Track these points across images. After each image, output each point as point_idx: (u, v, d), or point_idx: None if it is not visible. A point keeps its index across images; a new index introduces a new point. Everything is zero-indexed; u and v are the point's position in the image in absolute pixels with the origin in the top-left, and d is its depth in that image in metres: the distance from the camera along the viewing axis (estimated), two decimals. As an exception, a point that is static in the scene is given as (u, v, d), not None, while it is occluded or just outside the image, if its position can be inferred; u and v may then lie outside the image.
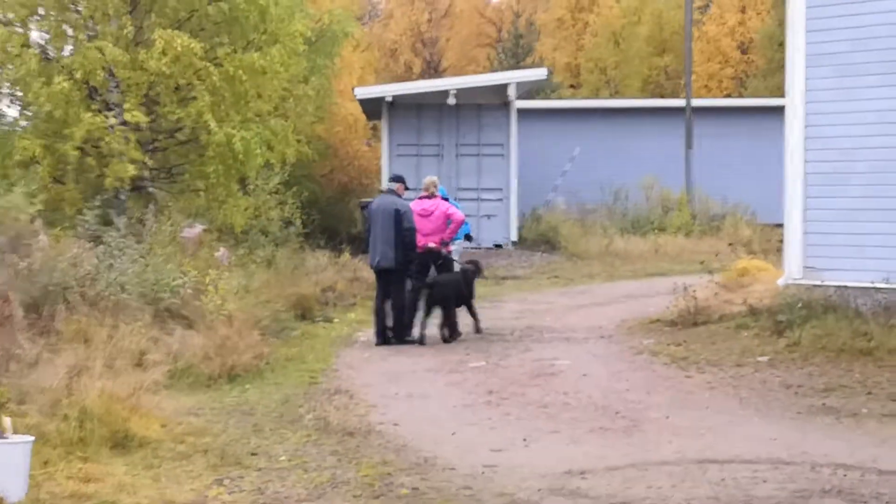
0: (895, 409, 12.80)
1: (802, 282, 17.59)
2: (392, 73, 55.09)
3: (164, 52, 22.58)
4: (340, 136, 40.48)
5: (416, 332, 18.67)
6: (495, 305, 23.58)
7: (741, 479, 9.87)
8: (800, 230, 17.76)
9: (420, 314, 18.74)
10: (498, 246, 34.11)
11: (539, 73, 36.43)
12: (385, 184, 19.47)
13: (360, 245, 27.55)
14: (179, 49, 22.51)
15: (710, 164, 38.99)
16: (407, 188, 19.51)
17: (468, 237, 21.29)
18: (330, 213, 36.27)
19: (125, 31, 23.37)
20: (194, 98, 23.15)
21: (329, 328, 20.69)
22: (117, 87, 23.82)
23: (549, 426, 12.34)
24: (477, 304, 21.78)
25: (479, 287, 26.15)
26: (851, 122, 17.31)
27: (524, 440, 11.67)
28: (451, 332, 18.71)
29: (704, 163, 38.87)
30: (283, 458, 10.96)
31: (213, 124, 22.88)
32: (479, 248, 33.37)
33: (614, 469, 10.32)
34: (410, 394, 14.48)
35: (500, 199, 34.25)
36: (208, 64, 23.23)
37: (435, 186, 19.76)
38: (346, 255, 27.09)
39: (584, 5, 61.29)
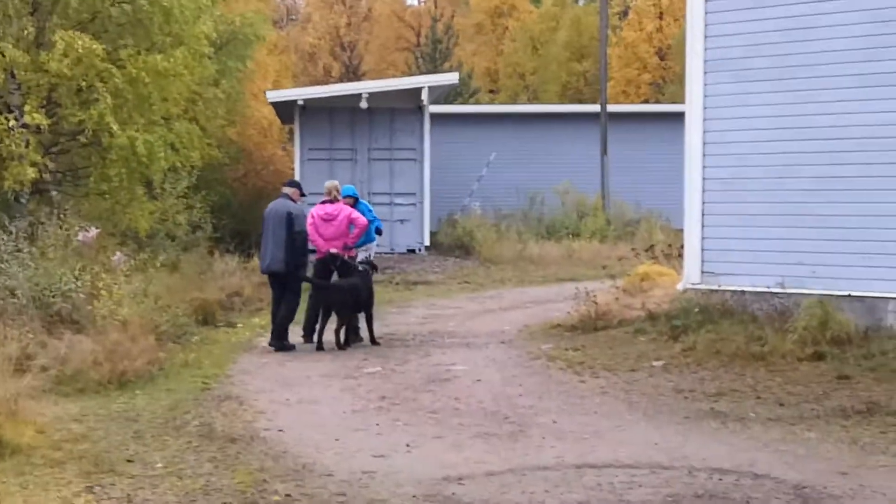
0: (782, 413, 12.83)
1: (700, 286, 17.67)
2: (311, 77, 54.81)
3: (65, 54, 22.28)
4: (255, 140, 40.27)
5: (315, 337, 18.52)
6: (402, 310, 23.51)
7: (617, 483, 9.83)
8: (698, 235, 17.83)
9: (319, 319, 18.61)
10: (411, 251, 34.03)
11: (451, 78, 36.39)
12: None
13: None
14: (81, 50, 22.22)
15: (626, 170, 39.14)
16: (303, 195, 19.41)
17: (378, 231, 21.07)
18: (243, 217, 35.94)
19: (26, 32, 23.07)
20: (96, 100, 22.84)
21: (231, 333, 20.49)
22: (18, 88, 23.49)
23: (435, 432, 12.26)
24: (384, 309, 21.80)
25: (389, 292, 26.40)
26: (747, 128, 17.43)
27: (407, 446, 11.57)
28: (346, 338, 18.55)
29: (620, 168, 39.01)
30: (159, 465, 10.79)
31: (115, 127, 22.60)
32: (393, 253, 33.36)
33: (492, 475, 10.25)
34: (301, 399, 14.34)
35: (413, 204, 34.15)
36: (110, 66, 22.96)
37: (337, 190, 19.61)
38: (256, 260, 26.87)
39: (503, 10, 61.41)
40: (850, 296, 16.07)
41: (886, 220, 16.08)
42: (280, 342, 18.43)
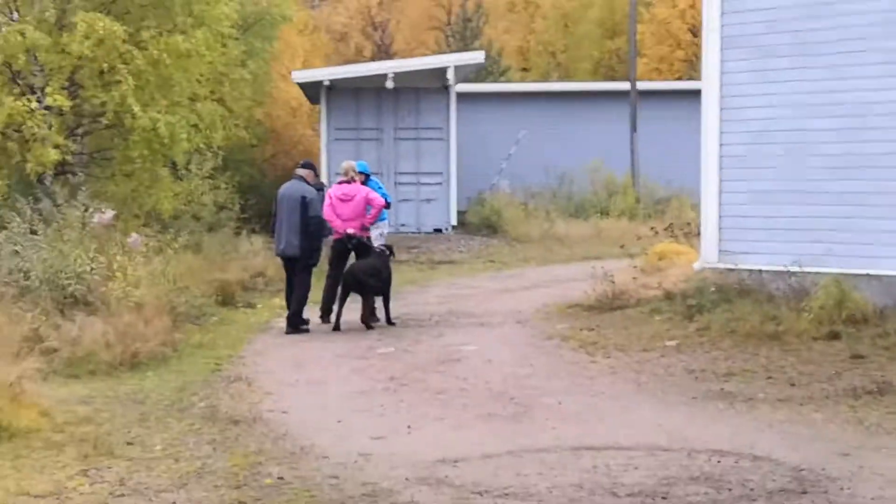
0: (792, 393, 12.72)
1: (718, 266, 17.53)
2: (343, 57, 54.58)
3: (86, 36, 22.29)
4: (283, 121, 40.22)
5: (332, 318, 18.49)
6: (423, 290, 23.48)
7: (613, 466, 9.75)
8: (715, 214, 17.68)
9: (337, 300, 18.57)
10: (438, 230, 33.91)
11: (477, 57, 36.14)
12: (299, 170, 19.07)
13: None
14: (102, 32, 22.23)
15: (656, 148, 38.79)
16: (317, 175, 19.31)
17: (387, 204, 21.02)
18: (272, 197, 35.87)
19: (47, 14, 23.04)
20: (118, 82, 22.84)
21: (250, 314, 20.51)
22: (41, 71, 23.54)
23: (438, 413, 12.21)
24: (405, 288, 21.78)
25: (413, 272, 26.36)
26: (765, 105, 17.24)
27: (408, 427, 11.53)
28: (370, 317, 18.53)
29: (650, 146, 38.68)
30: (158, 447, 10.78)
31: (136, 108, 22.60)
32: (419, 233, 33.31)
33: (489, 457, 10.19)
34: (310, 380, 14.34)
35: (439, 184, 34.02)
36: (132, 47, 22.95)
37: (354, 171, 19.54)
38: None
39: (535, -13, 61.16)
40: (867, 275, 15.88)
41: (901, 197, 15.91)
42: (296, 326, 18.27)
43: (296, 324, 18.28)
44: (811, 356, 14.41)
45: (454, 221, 34.20)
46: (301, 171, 19.06)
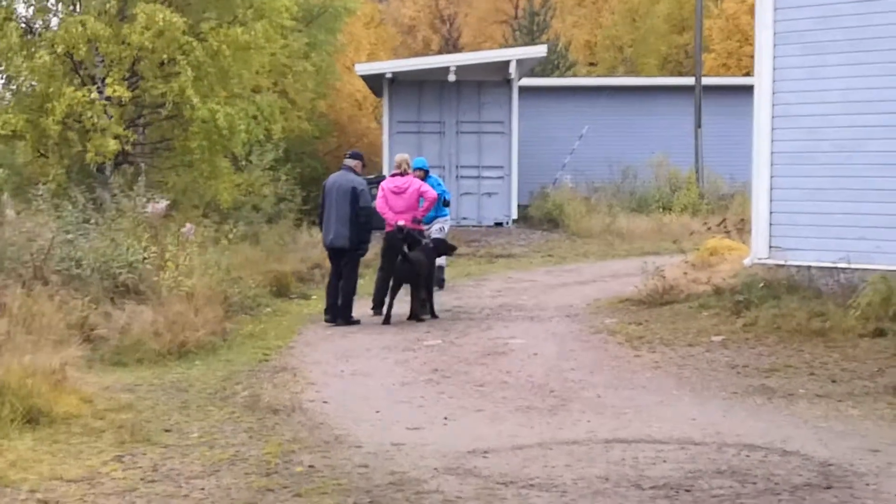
0: (832, 389, 12.67)
1: (768, 261, 17.46)
2: (411, 50, 54.94)
3: (146, 27, 22.60)
4: (348, 113, 40.51)
5: (384, 310, 18.58)
6: (478, 284, 23.55)
7: (642, 459, 9.77)
8: (766, 210, 17.62)
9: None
10: (498, 224, 34.02)
11: (539, 51, 36.23)
12: (346, 161, 19.04)
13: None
14: (161, 23, 22.53)
15: (720, 143, 38.67)
16: (365, 166, 19.31)
17: (446, 202, 21.21)
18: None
19: (108, 5, 23.34)
20: (178, 73, 23.10)
21: (303, 305, 20.70)
22: (102, 62, 23.84)
23: (477, 405, 12.27)
24: (461, 282, 21.91)
25: (471, 265, 26.48)
26: (817, 101, 17.15)
27: (445, 419, 11.60)
28: (420, 310, 18.61)
29: (714, 141, 38.58)
30: (194, 434, 10.93)
31: (195, 100, 22.85)
32: (480, 227, 33.43)
33: (520, 448, 10.23)
34: (355, 372, 14.43)
35: (500, 178, 34.12)
36: (192, 39, 23.20)
37: (407, 164, 19.68)
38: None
39: (605, -17, 61.03)
40: (916, 272, 15.81)
41: (949, 195, 15.81)
42: (347, 319, 18.32)
43: (347, 316, 18.33)
44: (856, 353, 14.34)
45: (515, 215, 34.29)
46: (349, 162, 18.87)
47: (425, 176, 20.72)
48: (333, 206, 18.31)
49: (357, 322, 18.35)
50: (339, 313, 18.38)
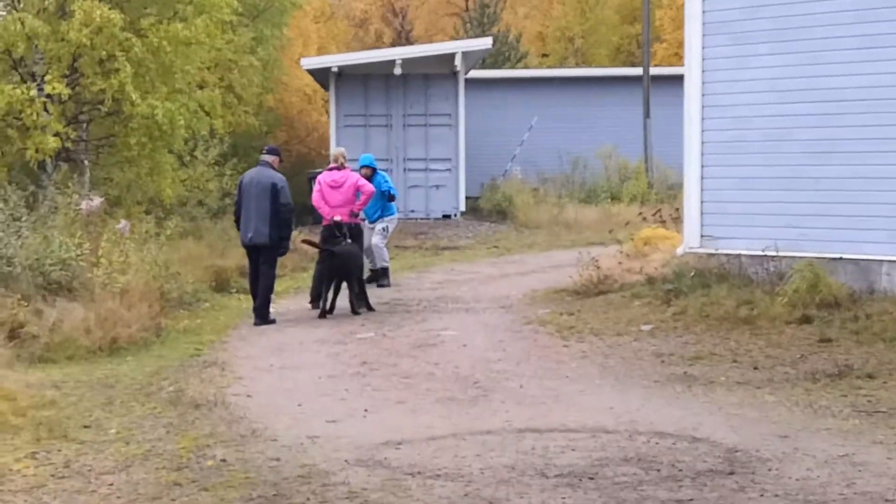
0: (752, 376, 12.83)
1: (699, 250, 17.62)
2: (363, 44, 54.84)
3: (84, 24, 22.48)
4: (297, 108, 40.45)
5: (321, 303, 18.61)
6: (420, 276, 23.62)
7: (552, 448, 9.86)
8: (697, 199, 17.77)
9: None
10: (447, 216, 34.05)
11: (484, 43, 36.27)
12: (263, 156, 18.67)
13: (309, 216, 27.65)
14: (100, 20, 22.40)
15: (669, 133, 38.56)
16: (281, 160, 19.06)
17: (391, 197, 21.30)
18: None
19: (47, 2, 23.26)
20: (117, 70, 23.02)
21: (243, 300, 20.64)
22: (42, 59, 23.76)
23: (400, 396, 12.35)
24: (404, 275, 22.03)
25: (416, 258, 26.57)
26: (746, 91, 17.33)
27: (366, 411, 11.68)
28: (357, 303, 18.67)
29: (664, 131, 38.56)
30: (112, 430, 10.95)
31: (134, 96, 22.77)
32: (428, 219, 33.45)
33: (433, 439, 10.31)
34: (284, 365, 14.49)
35: (448, 170, 34.11)
36: (131, 35, 23.12)
37: (344, 157, 19.74)
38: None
39: (557, -26, 61.13)
40: (842, 258, 15.97)
41: (879, 182, 15.95)
42: (264, 318, 17.99)
43: (264, 315, 18.01)
44: (780, 340, 14.52)
45: (463, 207, 34.33)
46: (267, 157, 18.43)
47: (373, 173, 20.83)
48: (253, 203, 17.86)
49: (273, 321, 18.01)
50: (255, 313, 18.10)
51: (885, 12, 16.08)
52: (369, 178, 20.37)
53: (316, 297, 19.06)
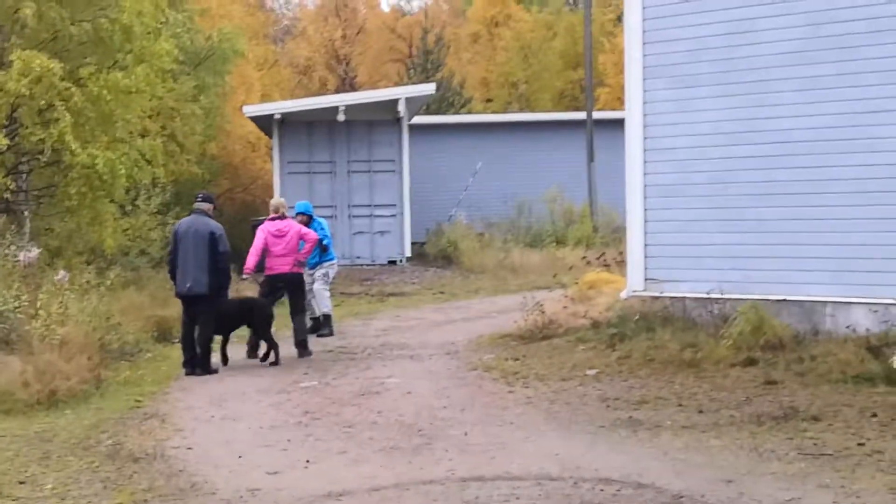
0: (698, 420, 12.73)
1: (644, 294, 17.58)
2: (307, 91, 54.80)
3: (23, 74, 22.27)
4: (241, 155, 40.32)
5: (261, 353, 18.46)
6: (365, 323, 23.46)
7: (496, 496, 9.74)
8: (640, 242, 17.75)
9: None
10: (392, 262, 33.97)
11: (427, 89, 36.34)
12: (197, 204, 18.42)
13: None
14: (38, 70, 22.20)
15: (614, 177, 38.62)
16: (216, 207, 18.99)
17: (324, 247, 21.15)
18: (229, 232, 35.85)
19: (-16, 53, 23.10)
20: (57, 119, 22.80)
21: (185, 350, 20.44)
22: (-21, 109, 23.52)
23: (342, 447, 12.17)
24: (348, 322, 21.90)
25: (361, 304, 26.39)
26: (689, 133, 17.36)
27: (307, 462, 11.50)
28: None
29: (608, 175, 38.66)
30: (48, 486, 10.74)
31: (74, 145, 22.55)
32: (374, 265, 33.33)
33: (376, 490, 10.16)
34: (225, 416, 14.27)
35: (393, 216, 34.09)
36: (70, 84, 22.92)
37: (284, 207, 19.67)
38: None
39: (499, 20, 61.29)
40: (786, 300, 15.98)
41: (822, 223, 16.02)
42: (205, 368, 17.77)
43: (204, 365, 17.79)
44: (725, 383, 14.46)
45: (409, 253, 34.28)
46: (202, 205, 18.21)
47: (310, 220, 20.71)
48: (191, 252, 17.61)
49: (215, 371, 17.84)
50: (198, 363, 17.85)
51: (826, 54, 16.14)
52: (306, 225, 20.25)
53: (253, 347, 18.93)
